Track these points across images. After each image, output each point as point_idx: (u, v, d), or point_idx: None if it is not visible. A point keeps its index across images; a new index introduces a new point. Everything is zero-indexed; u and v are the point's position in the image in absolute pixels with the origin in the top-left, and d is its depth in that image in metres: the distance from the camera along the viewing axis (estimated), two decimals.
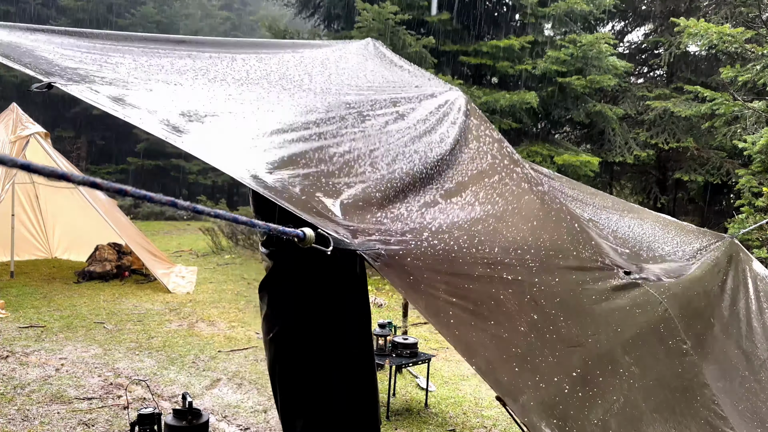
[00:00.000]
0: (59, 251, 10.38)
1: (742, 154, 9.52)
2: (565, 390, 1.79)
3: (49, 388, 4.75)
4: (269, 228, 1.36)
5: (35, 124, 8.57)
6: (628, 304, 2.23)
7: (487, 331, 1.77)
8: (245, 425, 4.31)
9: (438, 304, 1.72)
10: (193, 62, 2.53)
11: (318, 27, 13.92)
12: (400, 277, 1.70)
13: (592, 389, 1.87)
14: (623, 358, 2.04)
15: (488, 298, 1.84)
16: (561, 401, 1.75)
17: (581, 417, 1.76)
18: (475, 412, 4.85)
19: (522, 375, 1.74)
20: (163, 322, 6.99)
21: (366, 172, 2.15)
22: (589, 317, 2.06)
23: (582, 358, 1.92)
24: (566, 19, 11.77)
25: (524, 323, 1.86)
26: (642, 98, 13.07)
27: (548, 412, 1.70)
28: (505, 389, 1.68)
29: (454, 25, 11.70)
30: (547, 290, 1.99)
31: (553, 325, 1.92)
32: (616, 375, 1.98)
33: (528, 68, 11.18)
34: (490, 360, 1.72)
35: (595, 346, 2.00)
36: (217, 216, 1.25)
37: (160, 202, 1.13)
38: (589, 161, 10.82)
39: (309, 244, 1.48)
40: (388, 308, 8.40)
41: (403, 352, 4.73)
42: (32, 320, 6.69)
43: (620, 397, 1.92)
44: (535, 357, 1.81)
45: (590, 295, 2.13)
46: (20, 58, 2.05)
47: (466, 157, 2.61)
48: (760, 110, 8.65)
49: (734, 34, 8.38)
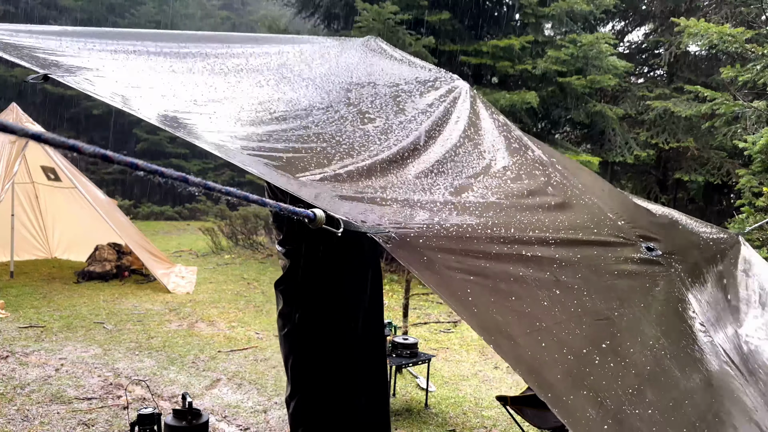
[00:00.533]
0: (59, 251, 10.37)
1: (742, 154, 9.51)
2: (596, 361, 1.73)
3: (48, 388, 4.75)
4: (279, 207, 1.35)
5: (35, 124, 8.57)
6: (648, 282, 2.20)
7: (508, 307, 1.71)
8: (245, 425, 4.30)
9: (454, 282, 1.67)
10: (193, 58, 2.54)
11: (318, 27, 13.90)
12: (413, 257, 1.66)
13: (624, 359, 1.81)
14: (651, 330, 2.00)
15: (507, 275, 1.79)
16: (592, 372, 1.69)
17: (614, 387, 1.70)
18: (475, 412, 4.84)
19: (548, 349, 1.67)
20: (162, 322, 6.99)
21: (372, 165, 2.15)
22: (612, 292, 2.02)
23: (610, 330, 1.87)
24: (566, 19, 11.75)
25: (547, 298, 1.81)
26: (642, 98, 13.06)
27: (578, 383, 1.63)
28: (528, 365, 1.61)
29: (454, 25, 11.69)
30: (567, 266, 1.95)
31: (578, 299, 1.87)
32: (646, 346, 1.93)
33: (528, 68, 11.17)
34: (513, 336, 1.65)
35: (622, 320, 1.95)
36: (228, 193, 1.24)
37: (171, 177, 1.13)
38: (589, 161, 10.81)
39: (319, 225, 1.47)
40: (388, 308, 8.40)
41: (403, 352, 4.72)
42: (32, 320, 6.69)
43: (654, 368, 1.86)
44: (561, 330, 1.74)
45: (612, 271, 2.09)
46: (18, 51, 2.05)
47: (472, 144, 2.61)
48: (761, 110, 8.65)
49: (734, 34, 8.37)
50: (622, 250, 2.25)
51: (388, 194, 2.00)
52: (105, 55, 2.31)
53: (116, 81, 2.06)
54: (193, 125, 1.96)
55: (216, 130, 1.99)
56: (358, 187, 1.98)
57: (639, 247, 2.34)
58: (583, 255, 2.06)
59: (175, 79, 2.26)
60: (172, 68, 2.35)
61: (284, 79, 2.54)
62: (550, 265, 1.91)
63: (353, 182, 2.00)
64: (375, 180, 2.06)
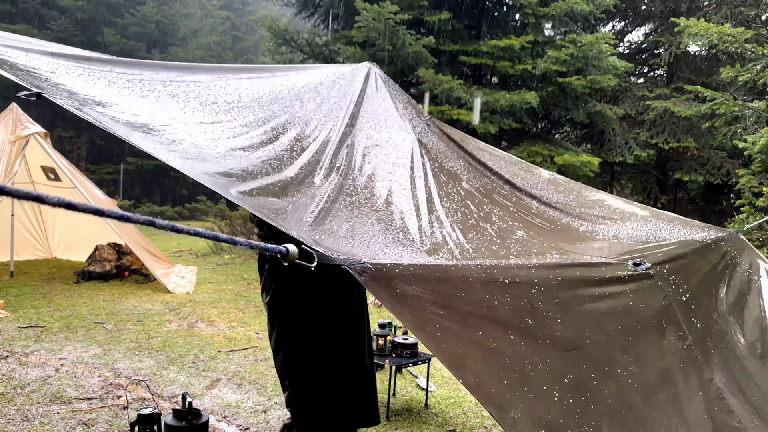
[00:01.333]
0: (59, 251, 10.37)
1: (742, 154, 9.51)
2: (555, 398, 1.74)
3: (48, 388, 4.75)
4: (251, 245, 1.35)
5: (35, 124, 8.57)
6: (633, 299, 2.18)
7: (474, 343, 1.72)
8: (245, 425, 4.30)
9: (424, 316, 1.67)
10: (186, 86, 2.57)
11: (318, 27, 13.91)
12: (386, 290, 1.65)
13: (584, 394, 1.83)
14: (621, 357, 2.00)
15: (480, 305, 1.79)
16: (550, 410, 1.71)
17: (572, 425, 1.72)
18: (475, 412, 4.84)
19: (510, 386, 1.69)
20: (162, 322, 6.99)
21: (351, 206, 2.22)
22: (588, 316, 2.02)
23: (576, 362, 1.88)
24: (566, 19, 11.75)
25: (516, 330, 1.80)
26: (642, 98, 13.05)
27: (537, 423, 1.65)
28: (494, 403, 1.64)
29: (454, 24, 11.69)
30: (546, 291, 1.94)
31: (549, 329, 1.87)
32: (612, 376, 1.93)
33: (528, 68, 11.17)
34: (478, 373, 1.67)
35: (593, 348, 1.95)
36: (196, 234, 1.25)
37: (138, 221, 1.14)
38: (589, 161, 10.82)
39: (292, 260, 1.46)
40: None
41: (403, 352, 4.72)
42: (32, 320, 6.69)
43: (615, 400, 1.87)
44: (524, 366, 1.76)
45: (593, 293, 2.08)
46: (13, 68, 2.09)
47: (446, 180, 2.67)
48: (761, 110, 8.65)
49: (734, 34, 8.37)
50: (606, 269, 2.21)
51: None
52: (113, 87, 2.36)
53: (121, 112, 2.12)
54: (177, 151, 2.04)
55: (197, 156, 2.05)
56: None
57: (625, 266, 2.30)
58: (564, 277, 2.04)
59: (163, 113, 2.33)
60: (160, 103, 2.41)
61: (275, 117, 2.56)
62: (529, 289, 1.91)
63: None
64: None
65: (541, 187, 3.22)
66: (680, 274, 2.45)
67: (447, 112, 10.14)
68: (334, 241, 1.97)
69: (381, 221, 2.26)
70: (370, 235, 2.14)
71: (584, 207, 3.16)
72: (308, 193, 2.21)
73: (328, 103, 2.80)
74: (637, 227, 2.96)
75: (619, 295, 2.17)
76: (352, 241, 2.05)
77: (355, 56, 11.31)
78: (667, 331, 2.22)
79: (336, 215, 2.16)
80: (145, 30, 21.12)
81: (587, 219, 2.98)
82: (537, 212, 2.93)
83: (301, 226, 1.95)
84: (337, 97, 2.87)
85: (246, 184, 2.06)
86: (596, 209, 3.16)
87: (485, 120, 10.69)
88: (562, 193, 3.30)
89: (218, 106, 2.44)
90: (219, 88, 2.57)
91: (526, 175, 3.35)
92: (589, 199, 3.33)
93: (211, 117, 2.38)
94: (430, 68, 10.70)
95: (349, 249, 1.94)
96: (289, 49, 13.00)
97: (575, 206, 3.12)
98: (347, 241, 2.03)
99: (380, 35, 10.50)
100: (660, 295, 2.28)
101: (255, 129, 2.40)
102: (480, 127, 10.36)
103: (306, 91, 2.81)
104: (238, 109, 2.49)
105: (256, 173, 2.16)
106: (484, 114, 10.72)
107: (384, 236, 2.18)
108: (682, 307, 2.33)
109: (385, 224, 2.26)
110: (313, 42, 12.83)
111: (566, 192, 3.33)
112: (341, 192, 2.31)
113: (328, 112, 2.73)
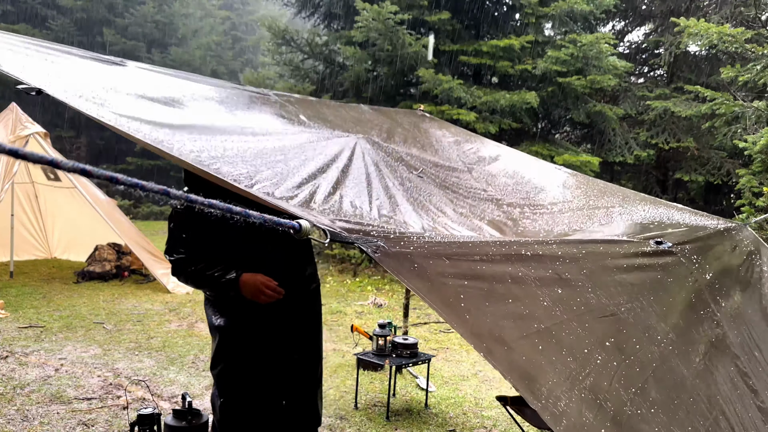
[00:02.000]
0: (58, 251, 10.37)
1: (742, 154, 9.50)
2: (598, 360, 1.66)
3: (48, 389, 4.74)
4: (264, 219, 1.33)
5: (35, 124, 8.56)
6: (660, 273, 2.12)
7: (504, 311, 1.63)
8: None
9: (446, 288, 1.58)
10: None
11: (318, 27, 13.90)
12: (402, 265, 1.57)
13: (628, 357, 1.74)
14: (659, 325, 1.93)
15: (504, 276, 1.70)
16: (592, 372, 1.61)
17: (616, 387, 1.63)
18: (475, 412, 4.84)
19: (545, 352, 1.59)
20: (162, 322, 6.98)
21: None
22: (620, 287, 1.94)
23: (615, 327, 1.80)
24: (566, 19, 11.74)
25: (547, 297, 1.73)
26: (642, 98, 13.04)
27: (576, 386, 1.55)
28: (521, 371, 1.52)
29: (454, 25, 11.69)
30: (571, 263, 1.87)
31: (581, 296, 1.80)
32: (653, 342, 1.86)
33: (528, 68, 11.17)
34: (506, 341, 1.56)
35: (629, 315, 1.88)
36: (210, 206, 1.23)
37: (152, 190, 1.13)
38: (589, 161, 10.81)
39: (305, 236, 1.44)
40: (388, 308, 8.39)
41: (403, 353, 4.72)
42: (32, 320, 6.68)
43: (660, 365, 1.80)
44: (561, 330, 1.67)
45: (621, 265, 2.02)
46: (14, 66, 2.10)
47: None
48: (761, 110, 8.64)
49: (734, 34, 8.37)
50: (630, 246, 2.18)
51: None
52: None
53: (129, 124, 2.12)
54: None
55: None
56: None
57: (647, 243, 2.28)
58: (588, 251, 1.98)
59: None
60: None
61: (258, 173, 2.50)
62: (553, 262, 1.84)
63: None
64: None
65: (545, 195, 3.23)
66: (701, 254, 2.41)
67: (447, 112, 10.14)
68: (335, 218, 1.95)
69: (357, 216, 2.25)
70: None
71: (594, 198, 3.16)
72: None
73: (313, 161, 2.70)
74: (649, 210, 2.96)
75: (648, 267, 2.11)
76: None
77: (355, 56, 11.31)
78: (697, 306, 2.17)
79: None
80: (145, 30, 21.10)
81: (600, 209, 2.98)
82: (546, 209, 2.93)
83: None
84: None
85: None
86: (605, 198, 3.17)
87: (485, 120, 10.69)
88: (569, 189, 3.31)
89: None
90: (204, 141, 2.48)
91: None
92: (597, 189, 3.35)
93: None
94: (430, 68, 10.69)
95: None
96: (289, 49, 13.00)
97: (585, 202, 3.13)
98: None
99: (380, 35, 10.50)
100: (686, 272, 2.23)
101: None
102: (480, 127, 10.35)
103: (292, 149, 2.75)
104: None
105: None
106: (484, 114, 10.72)
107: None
108: (707, 286, 2.29)
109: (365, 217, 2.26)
110: (312, 42, 12.83)
111: (575, 188, 3.35)
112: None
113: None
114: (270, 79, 14.91)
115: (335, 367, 5.66)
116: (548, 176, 3.58)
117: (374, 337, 4.76)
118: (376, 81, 11.87)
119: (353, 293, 9.41)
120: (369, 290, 9.50)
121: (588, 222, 2.71)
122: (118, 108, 2.21)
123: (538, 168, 3.77)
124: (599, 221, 2.73)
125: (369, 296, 8.97)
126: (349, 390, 5.08)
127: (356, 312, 8.15)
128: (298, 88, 12.29)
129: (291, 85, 12.74)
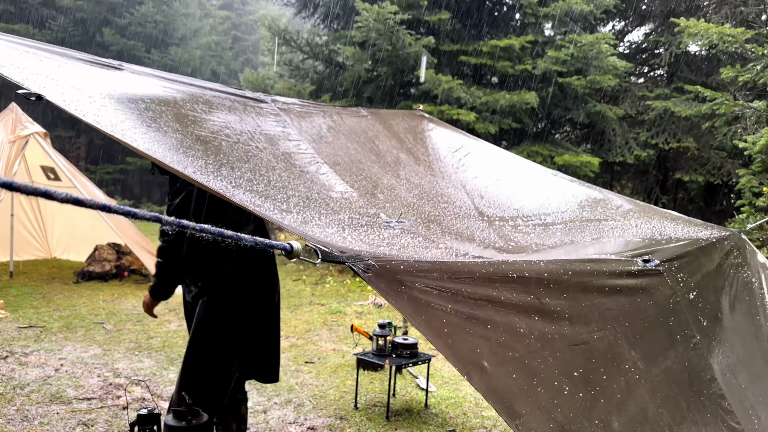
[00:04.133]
0: (58, 251, 10.36)
1: (742, 154, 9.50)
2: (565, 392, 1.74)
3: (48, 389, 4.74)
4: (255, 242, 1.37)
5: (34, 124, 8.56)
6: (641, 296, 2.18)
7: (483, 337, 1.70)
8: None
9: (431, 311, 1.65)
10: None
11: (318, 27, 13.91)
12: (390, 286, 1.63)
13: (594, 388, 1.82)
14: (629, 353, 1.99)
15: (487, 301, 1.78)
16: (560, 403, 1.70)
17: (582, 419, 1.71)
18: (475, 412, 4.84)
19: (518, 380, 1.68)
20: (162, 322, 6.98)
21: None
22: (597, 311, 2.01)
23: (585, 357, 1.88)
24: (566, 19, 11.75)
25: (524, 324, 1.80)
26: (642, 98, 13.04)
27: (546, 416, 1.65)
28: (499, 396, 1.62)
29: (454, 25, 11.69)
30: (554, 286, 1.93)
31: (556, 324, 1.87)
32: (620, 372, 1.93)
33: (528, 68, 11.17)
34: (485, 367, 1.65)
35: (601, 343, 1.95)
36: (202, 231, 1.26)
37: (144, 218, 1.15)
38: (589, 161, 10.82)
39: (296, 257, 1.50)
40: (388, 308, 8.39)
41: (403, 353, 4.72)
42: (31, 320, 6.68)
43: (624, 395, 1.87)
44: (533, 359, 1.74)
45: (603, 287, 2.07)
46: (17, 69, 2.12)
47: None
48: (761, 110, 8.64)
49: (734, 34, 8.37)
50: (617, 264, 2.21)
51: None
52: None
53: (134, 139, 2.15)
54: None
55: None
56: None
57: (634, 262, 2.31)
58: (575, 271, 2.03)
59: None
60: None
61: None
62: (537, 286, 1.89)
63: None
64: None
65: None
66: (687, 271, 2.45)
67: (447, 112, 10.14)
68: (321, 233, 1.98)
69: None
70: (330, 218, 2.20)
71: (587, 210, 3.16)
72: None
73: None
74: (641, 224, 2.96)
75: (629, 290, 2.16)
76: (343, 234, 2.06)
77: (354, 56, 11.31)
78: (674, 328, 2.22)
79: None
80: (145, 30, 21.08)
81: (592, 222, 2.98)
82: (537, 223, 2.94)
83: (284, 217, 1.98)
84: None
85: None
86: (599, 209, 3.16)
87: (485, 120, 10.69)
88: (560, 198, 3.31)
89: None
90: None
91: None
92: (591, 199, 3.34)
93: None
94: (430, 68, 10.69)
95: (343, 244, 1.94)
96: (289, 49, 13.00)
97: (578, 214, 3.13)
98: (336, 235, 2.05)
99: (380, 35, 10.50)
100: (668, 293, 2.28)
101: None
102: (480, 127, 10.35)
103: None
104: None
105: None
106: (484, 114, 10.72)
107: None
108: (689, 305, 2.33)
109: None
110: (312, 42, 12.83)
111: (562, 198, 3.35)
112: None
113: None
114: (270, 79, 14.92)
115: (335, 367, 5.66)
116: (543, 184, 3.59)
117: (374, 337, 4.76)
118: (375, 81, 11.87)
119: (353, 293, 9.41)
120: (369, 290, 9.51)
121: (580, 235, 2.74)
122: (114, 114, 2.23)
123: (534, 175, 3.77)
124: (590, 235, 2.75)
125: (369, 296, 8.97)
126: (349, 390, 5.08)
127: (356, 312, 8.15)
128: (297, 88, 12.29)
129: (291, 85, 12.74)
